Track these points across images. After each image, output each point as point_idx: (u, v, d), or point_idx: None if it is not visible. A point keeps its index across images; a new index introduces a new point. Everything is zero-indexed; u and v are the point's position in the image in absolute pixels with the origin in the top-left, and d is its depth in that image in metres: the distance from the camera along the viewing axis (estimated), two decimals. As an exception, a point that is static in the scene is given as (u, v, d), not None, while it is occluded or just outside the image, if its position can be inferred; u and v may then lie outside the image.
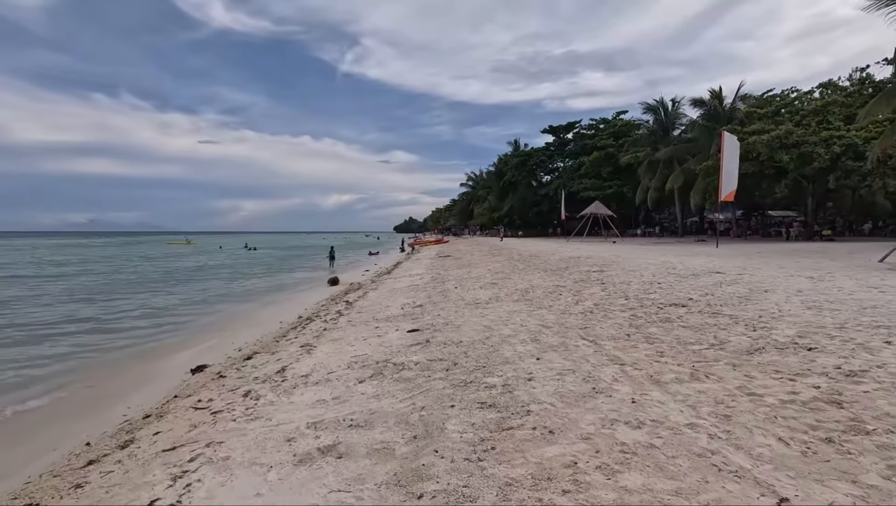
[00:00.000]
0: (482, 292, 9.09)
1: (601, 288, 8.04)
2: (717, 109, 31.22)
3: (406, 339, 5.85)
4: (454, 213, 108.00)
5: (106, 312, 11.79)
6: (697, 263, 10.98)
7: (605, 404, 3.19)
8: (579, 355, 4.36)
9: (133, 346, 8.46)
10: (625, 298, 6.98)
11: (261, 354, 6.30)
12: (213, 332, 9.46)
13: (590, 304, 6.80)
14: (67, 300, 13.71)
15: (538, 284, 9.33)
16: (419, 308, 8.18)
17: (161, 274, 23.87)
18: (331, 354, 5.59)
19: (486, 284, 10.37)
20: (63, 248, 58.98)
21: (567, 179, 48.99)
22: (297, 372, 4.94)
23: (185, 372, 6.15)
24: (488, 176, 75.74)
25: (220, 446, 3.21)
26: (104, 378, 6.49)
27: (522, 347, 4.83)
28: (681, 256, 13.45)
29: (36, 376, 6.57)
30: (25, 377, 6.51)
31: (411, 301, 9.15)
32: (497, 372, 4.05)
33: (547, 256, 16.66)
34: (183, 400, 4.66)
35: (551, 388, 3.57)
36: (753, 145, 23.10)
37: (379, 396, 3.88)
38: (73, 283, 19.05)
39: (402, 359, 4.82)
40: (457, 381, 3.93)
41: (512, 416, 3.11)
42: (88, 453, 3.61)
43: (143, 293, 15.95)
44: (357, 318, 8.07)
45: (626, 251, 17.45)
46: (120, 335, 9.25)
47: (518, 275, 11.39)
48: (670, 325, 5.20)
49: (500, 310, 7.02)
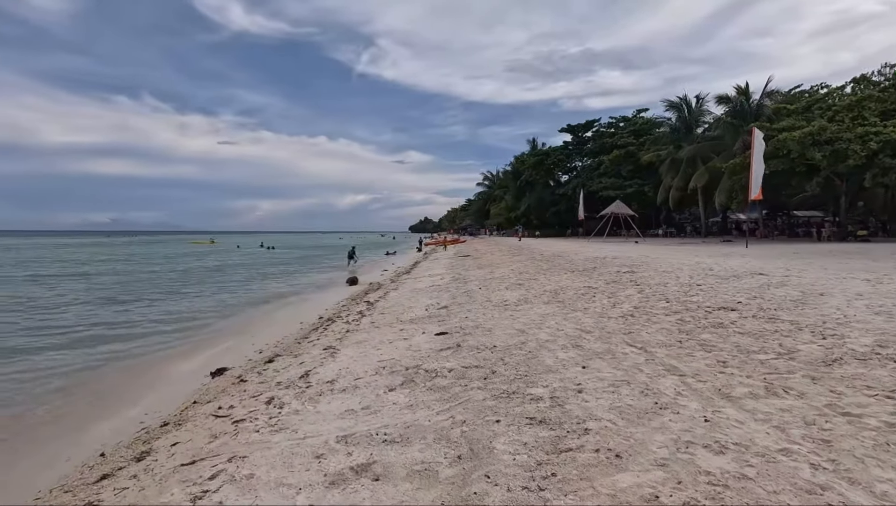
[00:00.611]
0: (509, 293, 8.73)
1: (637, 290, 7.61)
2: (743, 106, 30.25)
3: (435, 342, 5.52)
4: (470, 213, 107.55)
5: (124, 313, 11.67)
6: (734, 264, 10.44)
7: (674, 422, 2.82)
8: (630, 364, 3.97)
9: (151, 347, 8.27)
10: (665, 300, 6.55)
11: (282, 356, 6.04)
12: (232, 332, 9.26)
13: (628, 307, 6.39)
14: (86, 300, 13.68)
15: (567, 286, 8.93)
16: (444, 309, 7.85)
17: (180, 273, 23.95)
18: (356, 358, 5.29)
19: (512, 284, 9.99)
20: (86, 247, 60.15)
21: (586, 179, 48.19)
22: (321, 377, 4.65)
23: (204, 375, 5.92)
24: (505, 175, 75.15)
25: (244, 462, 2.92)
26: (121, 381, 6.29)
27: (564, 353, 4.46)
28: (713, 257, 12.88)
29: (52, 378, 6.40)
30: (41, 379, 6.34)
31: (435, 302, 8.83)
32: (541, 382, 3.70)
33: (570, 256, 16.19)
34: (203, 406, 4.40)
35: (606, 402, 3.20)
36: (784, 142, 22.25)
37: (412, 406, 3.56)
38: (93, 282, 19.15)
39: (434, 365, 4.49)
40: (497, 391, 3.59)
41: (568, 435, 2.76)
42: (102, 466, 3.36)
43: (161, 293, 15.85)
44: (380, 319, 7.77)
45: (653, 252, 16.87)
46: (138, 336, 9.08)
47: (544, 275, 10.98)
48: (724, 331, 4.78)
49: (532, 312, 6.65)
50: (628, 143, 43.09)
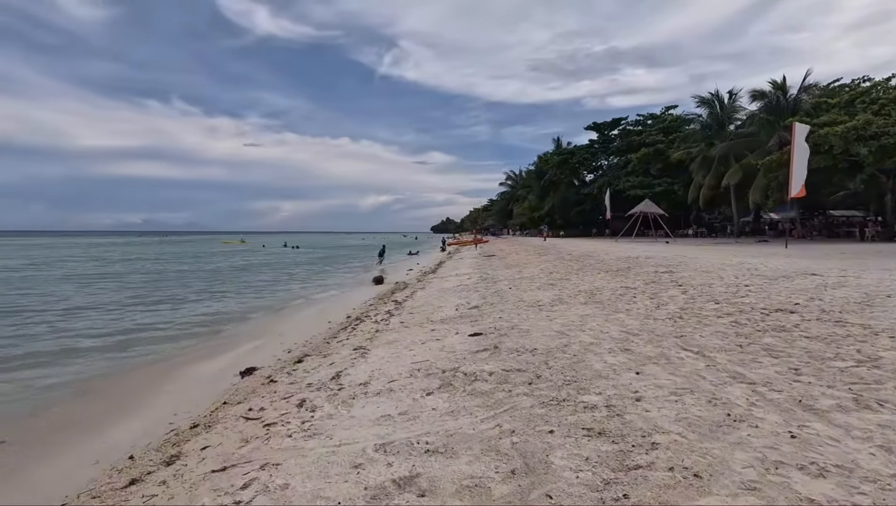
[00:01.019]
0: (542, 294, 8.41)
1: (680, 291, 7.20)
2: (779, 101, 29.05)
3: (469, 344, 5.27)
4: (492, 213, 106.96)
5: (152, 312, 11.76)
6: (780, 264, 9.88)
7: (754, 437, 2.49)
8: (689, 370, 3.64)
9: (180, 346, 8.24)
10: (714, 302, 6.14)
11: (312, 356, 5.88)
12: (260, 332, 9.19)
13: (674, 308, 6.01)
14: (116, 299, 13.87)
15: (603, 286, 8.56)
16: (475, 309, 7.59)
17: (208, 273, 24.30)
18: (388, 359, 5.08)
19: (544, 284, 9.67)
20: (118, 246, 62.03)
21: (612, 178, 47.19)
22: (353, 379, 4.45)
23: (233, 375, 5.80)
24: (528, 175, 74.41)
25: (277, 470, 2.72)
26: (151, 380, 6.22)
27: (612, 357, 4.15)
28: (755, 257, 12.27)
29: (82, 378, 6.38)
30: (71, 380, 6.33)
31: (465, 302, 8.58)
32: (593, 388, 3.41)
33: (600, 255, 15.73)
34: (232, 407, 4.25)
35: (671, 412, 2.89)
36: (825, 138, 21.19)
37: (454, 412, 3.31)
38: (123, 281, 19.52)
39: (473, 368, 4.24)
40: (546, 398, 3.31)
41: (634, 449, 2.47)
42: (131, 470, 3.22)
43: (190, 291, 16.02)
44: (410, 319, 7.56)
45: (688, 251, 16.25)
46: (166, 336, 9.06)
47: (576, 276, 10.61)
48: (788, 335, 4.38)
49: (570, 313, 6.33)
50: (657, 140, 42.00)
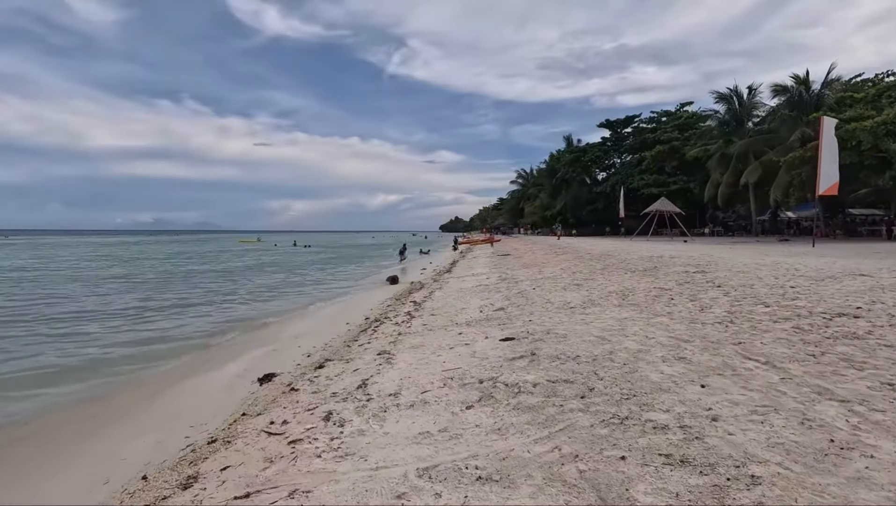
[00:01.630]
0: (569, 295, 8.01)
1: (720, 292, 6.77)
2: (801, 96, 28.26)
3: (502, 349, 4.91)
4: (503, 211, 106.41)
5: (165, 314, 11.50)
6: (817, 264, 9.38)
7: (875, 470, 2.10)
8: (762, 383, 3.25)
9: (195, 349, 7.98)
10: (763, 304, 5.71)
11: (333, 362, 5.54)
12: (276, 335, 8.86)
13: (720, 311, 5.59)
14: (128, 301, 13.68)
15: (633, 287, 8.14)
16: (501, 312, 7.22)
17: (219, 273, 24.16)
18: (416, 366, 4.73)
19: (569, 284, 9.26)
20: (130, 245, 62.48)
21: (626, 176, 46.47)
22: (382, 389, 4.10)
23: (251, 381, 5.48)
24: (539, 173, 73.80)
25: (308, 499, 2.38)
26: (164, 387, 5.92)
27: (669, 367, 3.76)
28: (788, 256, 11.76)
29: (92, 383, 6.12)
30: (82, 386, 6.07)
31: (488, 303, 8.21)
32: (657, 404, 3.03)
33: (620, 254, 15.25)
34: (252, 420, 3.92)
35: (759, 435, 2.51)
36: (853, 133, 20.53)
37: (500, 430, 2.95)
38: (135, 281, 19.38)
39: (513, 377, 3.87)
40: (605, 415, 2.94)
41: (731, 483, 2.09)
42: (144, 492, 2.89)
43: (201, 293, 15.73)
44: (432, 321, 7.21)
45: (712, 250, 15.71)
46: (180, 339, 8.79)
47: (601, 276, 10.19)
48: (864, 343, 3.96)
49: (606, 316, 5.94)
50: (672, 138, 41.24)
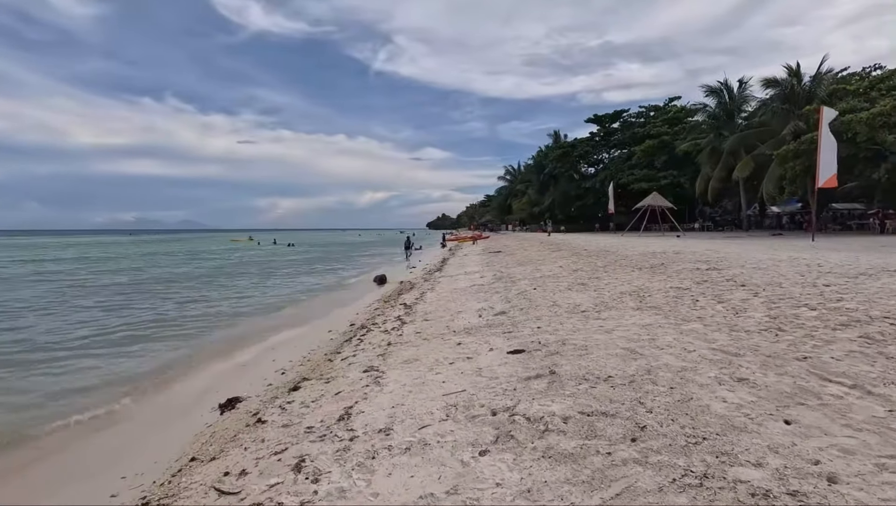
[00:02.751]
0: (577, 296, 7.26)
1: (749, 293, 6.06)
2: (793, 89, 27.93)
3: (514, 365, 4.12)
4: (490, 208, 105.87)
5: (123, 318, 10.37)
6: (838, 259, 8.77)
7: None
8: (867, 417, 2.50)
9: (150, 362, 6.94)
10: (807, 307, 5.01)
11: (311, 381, 4.70)
12: (249, 343, 7.89)
13: (760, 316, 4.87)
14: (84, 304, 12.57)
15: (646, 286, 7.41)
16: (503, 316, 6.43)
17: (204, 272, 23.00)
18: (410, 389, 3.91)
19: (573, 284, 8.51)
20: (107, 246, 60.47)
21: (615, 171, 46.05)
22: (369, 422, 3.28)
23: (211, 407, 4.59)
24: (527, 169, 73.29)
25: None
26: (108, 411, 5.00)
27: (730, 392, 3.00)
28: (799, 252, 11.18)
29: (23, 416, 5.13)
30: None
31: (487, 306, 7.42)
32: (740, 451, 2.25)
33: (619, 250, 14.60)
34: (203, 467, 3.07)
35: (915, 512, 1.74)
36: (849, 124, 20.15)
37: (531, 493, 2.16)
38: (97, 284, 18.11)
39: (534, 408, 3.07)
40: (674, 470, 2.15)
41: None
42: None
43: (162, 298, 13.93)
44: (426, 328, 6.39)
45: (713, 246, 15.12)
46: (134, 349, 7.68)
47: (606, 274, 9.47)
48: (962, 357, 3.25)
49: (627, 322, 5.18)
50: (662, 132, 40.87)
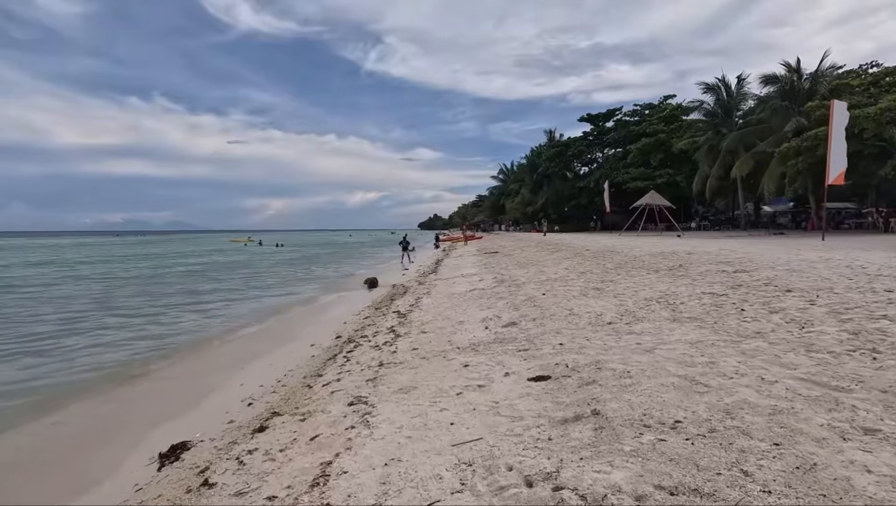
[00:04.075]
0: (595, 303, 6.36)
1: (803, 300, 5.20)
2: (794, 85, 27.37)
3: (538, 397, 3.22)
4: (483, 208, 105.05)
5: (52, 344, 8.72)
6: (878, 260, 7.98)
7: None
8: None
9: (84, 397, 5.48)
10: (889, 320, 4.15)
11: (283, 416, 3.75)
12: (216, 361, 6.83)
13: (835, 331, 4.00)
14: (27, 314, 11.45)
15: (671, 291, 6.54)
16: (514, 327, 5.53)
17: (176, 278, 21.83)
18: (408, 432, 2.99)
19: (586, 289, 7.62)
20: (87, 247, 58.76)
21: (610, 170, 45.40)
22: (353, 491, 2.35)
23: (149, 457, 3.60)
24: (520, 169, 72.54)
25: None
26: (12, 468, 3.95)
27: (865, 453, 2.11)
28: (824, 252, 10.39)
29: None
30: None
31: (493, 314, 6.51)
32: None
33: (625, 251, 13.76)
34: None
35: None
36: (856, 120, 19.53)
37: None
38: (68, 289, 16.91)
39: (584, 476, 2.16)
40: None
41: None
42: None
43: (119, 309, 12.05)
44: (424, 342, 5.46)
45: (724, 245, 14.31)
46: (64, 381, 6.20)
47: (619, 277, 8.59)
48: None
49: (668, 338, 4.29)
50: (658, 130, 40.25)
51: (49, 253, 43.93)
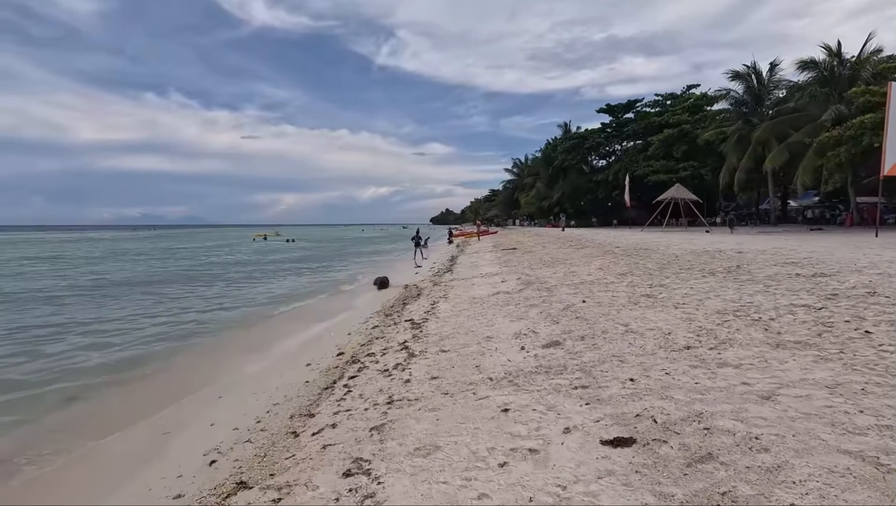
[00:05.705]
0: (652, 315, 5.17)
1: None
2: (833, 70, 25.52)
3: (629, 484, 2.08)
4: (496, 202, 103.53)
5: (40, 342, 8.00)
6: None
7: None
8: None
9: (24, 446, 4.25)
10: None
11: (251, 491, 2.66)
12: (188, 385, 5.65)
13: None
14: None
15: (748, 302, 5.33)
16: (558, 349, 4.38)
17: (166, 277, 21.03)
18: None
19: (638, 296, 6.41)
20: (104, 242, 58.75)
21: (629, 162, 43.66)
22: None
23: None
24: (535, 162, 70.89)
25: None
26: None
27: None
28: (889, 250, 9.05)
29: None
30: None
31: (528, 328, 5.36)
32: None
33: (659, 249, 12.47)
34: None
35: None
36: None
37: None
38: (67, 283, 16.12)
39: None
40: None
41: None
42: None
43: (86, 317, 10.39)
44: (446, 368, 4.33)
45: (768, 242, 12.93)
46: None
47: (670, 280, 7.37)
48: None
49: (786, 377, 3.10)
50: (682, 120, 38.43)
51: (54, 249, 43.69)
